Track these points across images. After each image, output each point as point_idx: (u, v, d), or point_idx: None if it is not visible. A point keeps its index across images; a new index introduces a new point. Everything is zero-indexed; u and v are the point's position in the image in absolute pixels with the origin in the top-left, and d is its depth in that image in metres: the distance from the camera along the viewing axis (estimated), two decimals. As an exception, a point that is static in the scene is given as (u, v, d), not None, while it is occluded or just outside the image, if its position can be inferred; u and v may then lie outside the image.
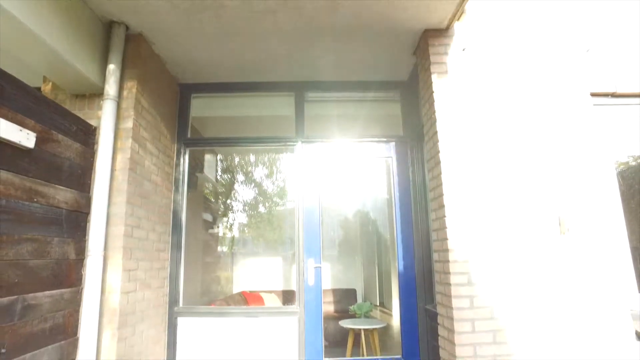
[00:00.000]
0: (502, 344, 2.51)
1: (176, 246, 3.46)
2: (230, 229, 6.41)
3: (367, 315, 4.47)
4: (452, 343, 2.53)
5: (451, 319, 2.55)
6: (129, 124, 2.82)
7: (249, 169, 6.39)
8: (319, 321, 3.27)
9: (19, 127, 1.96)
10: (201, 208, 5.07)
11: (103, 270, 2.57)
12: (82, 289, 2.49)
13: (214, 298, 4.91)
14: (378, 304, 5.62)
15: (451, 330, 2.55)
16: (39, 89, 2.87)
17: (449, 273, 2.58)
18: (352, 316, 4.60)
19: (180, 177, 3.61)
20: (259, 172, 6.40)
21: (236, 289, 5.90)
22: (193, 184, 4.29)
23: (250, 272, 6.23)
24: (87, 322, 2.44)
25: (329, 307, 5.28)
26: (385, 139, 3.61)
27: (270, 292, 5.23)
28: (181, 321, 3.30)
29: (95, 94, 2.81)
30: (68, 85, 2.74)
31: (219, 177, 6.10)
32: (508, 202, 2.69)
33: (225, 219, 6.25)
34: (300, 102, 3.70)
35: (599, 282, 2.64)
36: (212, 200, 5.87)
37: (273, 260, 6.28)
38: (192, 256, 4.14)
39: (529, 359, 2.52)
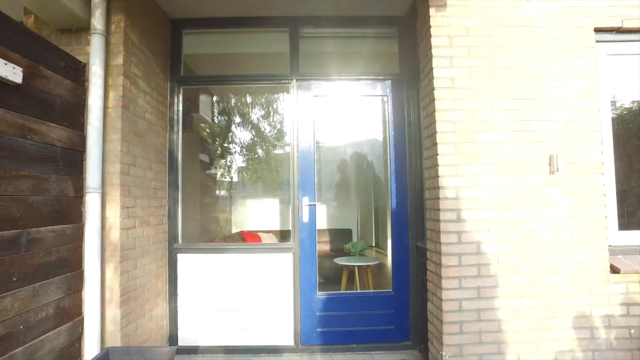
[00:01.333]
0: (486, 277, 2.65)
1: (173, 185, 3.51)
2: (229, 171, 6.47)
3: (361, 254, 4.65)
4: (439, 276, 2.67)
5: (439, 253, 2.67)
6: (119, 60, 2.75)
7: (246, 109, 6.31)
8: (314, 257, 3.41)
9: (3, 61, 1.92)
10: (198, 149, 5.09)
11: (102, 207, 2.64)
12: (83, 225, 2.57)
13: (213, 237, 5.08)
14: (374, 244, 5.83)
15: (439, 264, 2.68)
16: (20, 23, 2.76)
17: (439, 210, 2.66)
18: (347, 254, 4.80)
19: (175, 116, 3.59)
20: (256, 113, 6.32)
21: (235, 229, 6.08)
22: (188, 123, 4.26)
23: (248, 213, 6.38)
24: (90, 255, 2.54)
25: (325, 246, 5.48)
26: (381, 77, 3.54)
27: (269, 231, 5.40)
28: (181, 257, 3.44)
29: (82, 29, 2.71)
30: (52, 18, 2.63)
31: (215, 118, 6.04)
32: (500, 141, 2.71)
33: (222, 160, 6.28)
34: (295, 38, 3.57)
35: (581, 219, 2.73)
36: (209, 141, 5.86)
37: (271, 201, 6.41)
38: (190, 195, 4.22)
39: (510, 291, 2.67)
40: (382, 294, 3.46)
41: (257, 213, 6.31)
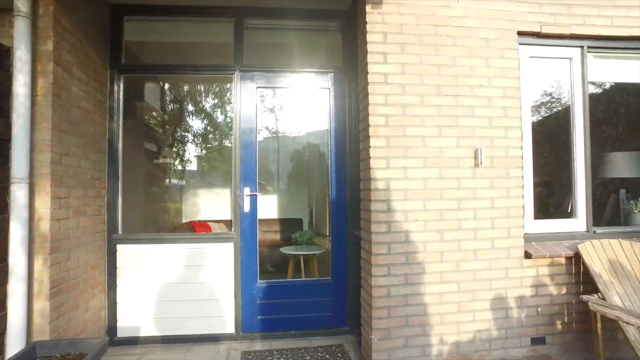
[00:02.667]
0: (414, 264, 2.81)
1: (113, 175, 3.45)
2: (180, 160, 6.38)
3: (308, 243, 4.76)
4: (370, 264, 2.80)
5: (370, 242, 2.79)
6: (48, 45, 2.65)
7: (193, 99, 6.21)
8: (255, 246, 3.47)
9: None
10: (143, 138, 4.98)
11: (31, 198, 2.56)
12: (7, 216, 2.49)
13: (162, 227, 5.02)
14: (327, 233, 5.94)
15: (370, 253, 2.81)
16: None
17: (370, 200, 2.78)
18: (295, 243, 4.89)
19: (116, 105, 3.50)
20: (202, 103, 6.24)
21: (185, 219, 6.03)
22: (131, 112, 4.17)
23: (200, 202, 6.33)
24: (16, 248, 2.47)
25: (275, 236, 5.56)
26: (324, 70, 3.61)
27: (219, 221, 5.39)
28: (121, 248, 3.39)
29: (4, 9, 2.59)
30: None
31: (163, 107, 5.91)
32: (430, 135, 2.86)
33: (172, 149, 6.18)
34: (240, 29, 3.57)
35: (502, 209, 2.94)
36: (158, 130, 5.74)
37: (223, 191, 6.38)
38: (134, 185, 4.16)
39: (436, 277, 2.85)
40: (321, 281, 3.58)
41: (208, 203, 6.27)
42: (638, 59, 3.35)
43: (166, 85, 5.83)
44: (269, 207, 6.30)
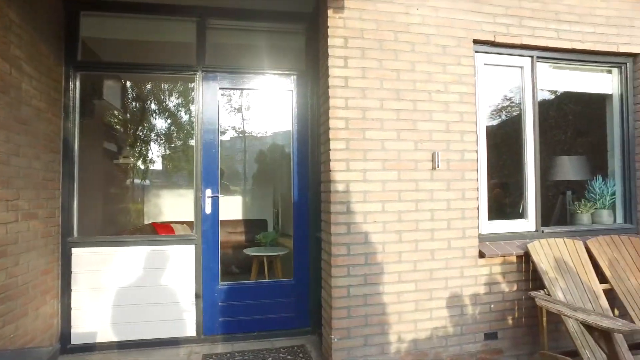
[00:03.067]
0: (373, 265, 2.88)
1: (68, 175, 3.33)
2: (143, 160, 6.21)
3: (272, 244, 4.76)
4: (330, 264, 2.84)
5: (330, 243, 2.83)
6: (-6, 40, 2.53)
7: (160, 97, 6.08)
8: (216, 248, 3.44)
9: None
10: (102, 137, 4.82)
11: (-26, 200, 2.44)
12: (-51, 218, 2.36)
13: (122, 229, 4.88)
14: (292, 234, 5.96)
15: (330, 254, 2.85)
16: None
17: (330, 202, 2.82)
18: (259, 244, 4.88)
19: (71, 103, 3.38)
20: (165, 102, 6.12)
21: (147, 220, 5.88)
22: (89, 111, 4.03)
23: (163, 203, 6.19)
24: (-42, 251, 2.35)
25: (239, 237, 5.51)
26: (287, 72, 3.63)
27: (183, 222, 5.29)
28: (76, 251, 3.28)
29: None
30: None
31: (124, 105, 5.74)
32: (389, 138, 2.93)
33: (134, 149, 6.01)
34: (202, 28, 3.53)
35: (457, 210, 3.05)
36: (118, 129, 5.57)
37: (188, 192, 6.24)
38: (92, 186, 4.03)
39: (394, 277, 2.92)
40: (284, 282, 3.60)
41: (172, 204, 6.14)
42: (582, 70, 3.58)
43: (128, 84, 5.67)
44: (234, 208, 6.24)
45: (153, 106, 6.08)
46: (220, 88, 3.55)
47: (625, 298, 3.01)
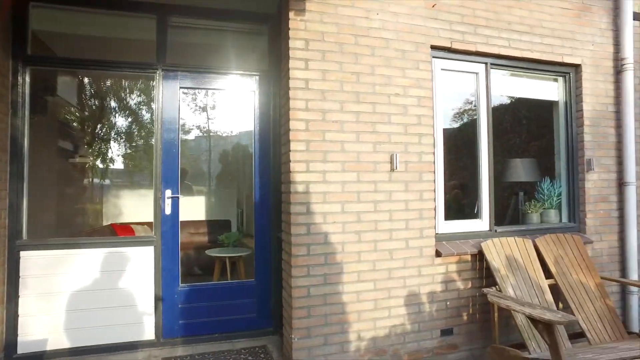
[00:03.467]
0: (332, 265, 2.92)
1: (17, 175, 3.17)
2: (102, 159, 6.01)
3: (235, 244, 4.73)
4: (290, 265, 2.86)
5: (290, 243, 2.85)
6: None
7: (120, 95, 5.90)
8: (176, 249, 3.39)
9: None
10: (57, 135, 4.63)
11: None
12: None
13: (79, 231, 4.70)
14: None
15: (290, 254, 2.87)
16: None
17: (290, 203, 2.84)
18: (222, 245, 4.83)
19: (20, 99, 3.22)
20: (130, 99, 5.95)
21: (107, 221, 5.69)
22: (41, 108, 3.86)
23: (124, 204, 6.00)
24: None
25: (202, 238, 5.44)
26: (250, 73, 3.61)
27: (143, 223, 5.16)
28: (25, 255, 3.13)
29: None
30: None
31: (81, 103, 5.53)
32: (348, 140, 2.98)
33: (92, 148, 5.80)
34: (163, 26, 3.45)
35: (415, 211, 3.14)
36: (75, 127, 5.36)
37: (149, 192, 6.07)
38: (44, 186, 3.86)
39: (354, 276, 2.97)
40: (245, 283, 3.59)
41: (133, 204, 5.97)
42: (532, 77, 3.78)
43: (86, 80, 5.46)
44: (197, 208, 6.15)
45: (113, 104, 5.89)
46: (181, 87, 3.49)
47: (567, 292, 3.20)
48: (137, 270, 3.30)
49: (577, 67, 3.76)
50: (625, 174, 3.72)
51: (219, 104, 5.83)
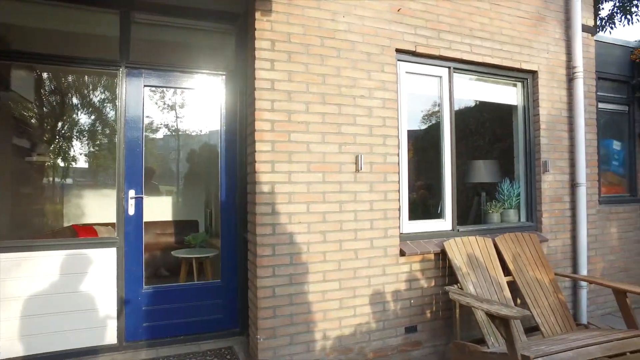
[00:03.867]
0: (298, 265, 2.94)
1: (-33, 175, 3.03)
2: (63, 158, 5.79)
3: (202, 245, 4.67)
4: (256, 265, 2.86)
5: (255, 244, 2.85)
6: None
7: (83, 91, 5.70)
8: (140, 250, 3.32)
9: None
10: (11, 132, 4.43)
11: None
12: None
13: (37, 233, 4.52)
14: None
15: (255, 254, 2.87)
16: None
17: (256, 203, 2.84)
18: (189, 246, 4.76)
19: (-30, 95, 3.08)
20: (93, 96, 5.76)
21: (68, 222, 5.49)
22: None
23: (86, 204, 5.81)
24: None
25: (169, 239, 5.33)
26: (217, 72, 3.58)
27: (107, 224, 5.01)
28: (-25, 258, 2.99)
29: None
30: None
31: (39, 99, 5.31)
32: (314, 141, 3.00)
33: (52, 146, 5.58)
34: (127, 22, 3.36)
35: (380, 211, 3.20)
36: (33, 124, 5.14)
37: (113, 192, 5.91)
38: (-2, 186, 3.69)
39: (319, 276, 3.00)
40: (211, 284, 3.56)
41: (96, 204, 5.78)
42: (494, 82, 3.93)
43: (44, 75, 5.24)
44: (164, 208, 6.02)
45: (75, 101, 5.69)
46: (145, 85, 3.42)
47: (524, 288, 3.34)
48: (99, 273, 3.21)
49: (533, 74, 3.93)
50: (576, 176, 3.93)
51: (187, 103, 5.74)
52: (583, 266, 3.90)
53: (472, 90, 3.93)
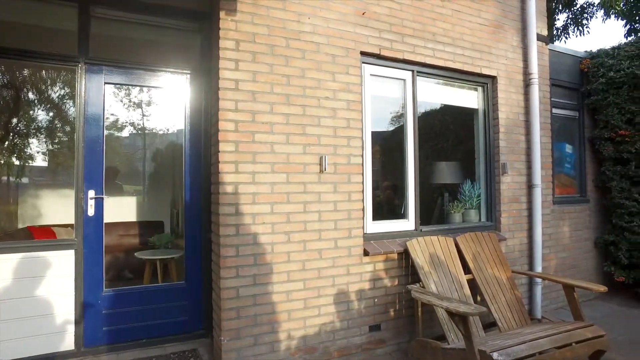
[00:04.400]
0: (262, 265, 2.94)
1: None
2: (18, 156, 5.53)
3: (167, 246, 4.58)
4: (219, 266, 2.84)
5: (219, 245, 2.83)
6: None
7: (40, 86, 5.46)
8: (100, 252, 3.23)
9: None
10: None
11: None
12: None
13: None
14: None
15: (219, 255, 2.85)
16: None
17: (219, 204, 2.82)
18: (153, 247, 4.66)
19: None
20: (52, 92, 5.53)
21: (23, 224, 5.25)
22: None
23: (44, 205, 5.57)
24: None
25: (133, 240, 5.19)
26: (181, 71, 3.52)
27: (66, 225, 4.83)
28: None
29: None
30: None
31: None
32: (278, 142, 3.01)
33: (5, 143, 5.33)
34: (86, 16, 3.25)
35: (344, 212, 3.25)
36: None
37: (72, 192, 5.70)
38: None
39: (283, 276, 3.01)
40: (175, 286, 3.50)
41: (55, 205, 5.55)
42: (456, 86, 4.06)
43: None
44: (129, 209, 5.86)
45: (31, 96, 5.44)
46: (107, 83, 3.33)
47: (483, 285, 3.47)
48: (57, 276, 3.10)
49: (493, 79, 4.08)
50: (533, 177, 4.12)
51: (153, 102, 5.61)
52: (538, 263, 4.09)
53: (436, 94, 4.04)
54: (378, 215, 3.58)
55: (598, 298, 4.81)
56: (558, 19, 10.46)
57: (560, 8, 10.28)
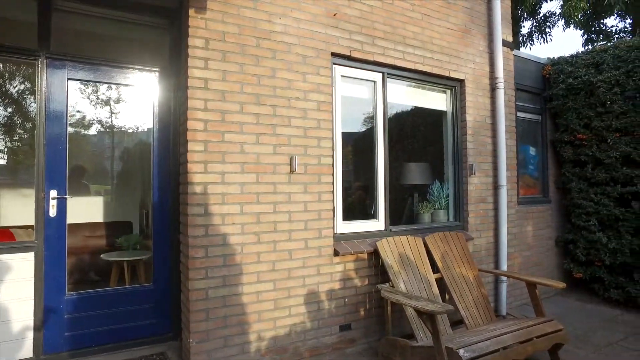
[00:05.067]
0: (231, 266, 2.91)
1: None
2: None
3: (135, 247, 4.47)
4: (188, 267, 2.79)
5: (188, 245, 2.79)
6: None
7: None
8: (63, 255, 3.11)
9: None
10: None
11: None
12: None
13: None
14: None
15: (187, 256, 2.80)
16: None
17: (188, 204, 2.78)
18: (120, 248, 4.54)
19: None
20: (11, 87, 5.29)
21: (-20, 225, 4.99)
22: None
23: (2, 205, 5.32)
24: None
25: (99, 241, 5.02)
26: (150, 68, 3.44)
27: (26, 227, 4.62)
28: None
29: None
30: None
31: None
32: (248, 142, 3.00)
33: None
34: (46, 8, 3.12)
35: (314, 212, 3.26)
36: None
37: (33, 191, 5.46)
38: None
39: (253, 277, 2.99)
40: (142, 288, 3.42)
41: (14, 205, 5.31)
42: (426, 89, 4.15)
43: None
44: (96, 209, 5.67)
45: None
46: (70, 79, 3.21)
47: (451, 284, 3.55)
48: (15, 280, 2.97)
49: (461, 82, 4.19)
50: (499, 178, 4.25)
51: (121, 99, 5.44)
52: (503, 262, 4.22)
53: (406, 96, 4.12)
54: (349, 215, 3.61)
55: (558, 294, 5.01)
56: (523, 26, 10.89)
57: (525, 16, 10.71)
